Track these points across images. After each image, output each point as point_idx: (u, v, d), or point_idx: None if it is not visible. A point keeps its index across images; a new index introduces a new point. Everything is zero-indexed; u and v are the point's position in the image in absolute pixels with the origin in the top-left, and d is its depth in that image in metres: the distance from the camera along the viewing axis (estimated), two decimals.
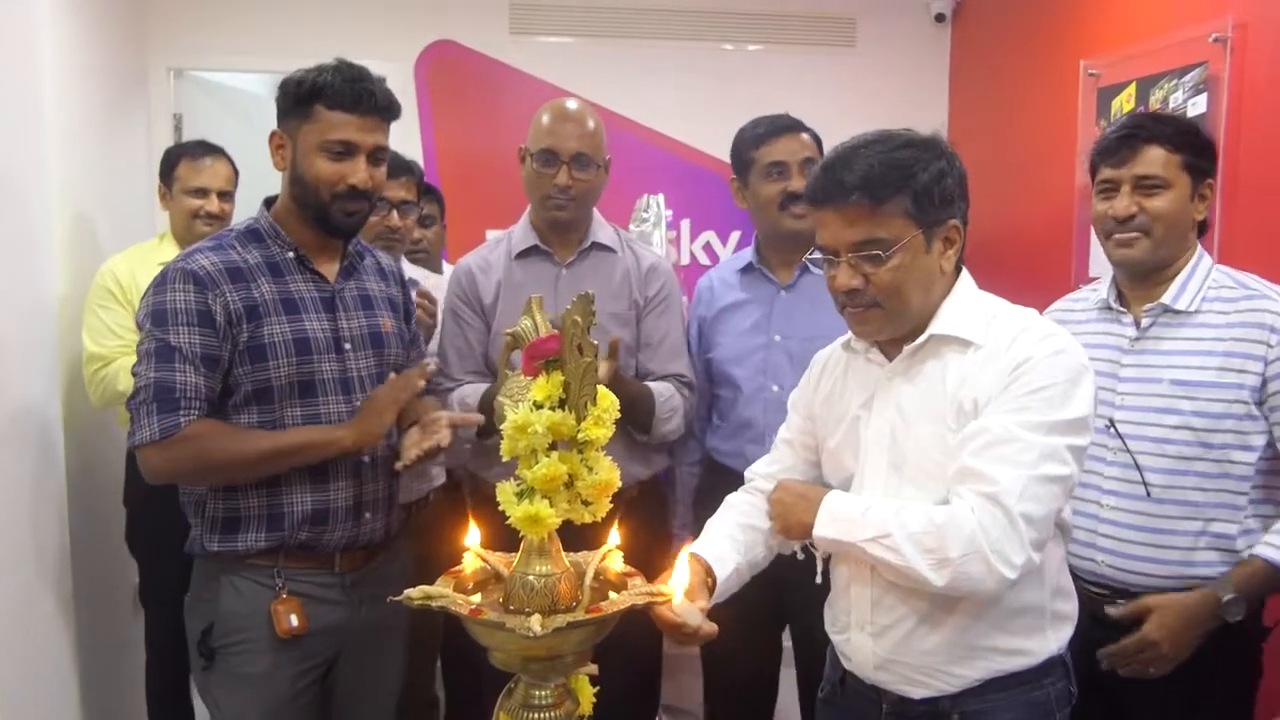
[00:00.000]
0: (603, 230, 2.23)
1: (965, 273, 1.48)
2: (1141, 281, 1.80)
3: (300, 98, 1.74)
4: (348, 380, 1.80)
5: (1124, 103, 2.83)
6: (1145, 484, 1.71)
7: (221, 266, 1.72)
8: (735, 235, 3.83)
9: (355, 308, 1.85)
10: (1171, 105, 2.63)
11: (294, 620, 1.74)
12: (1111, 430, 1.76)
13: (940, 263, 1.43)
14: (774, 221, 2.25)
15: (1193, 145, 1.75)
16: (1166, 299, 1.75)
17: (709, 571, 1.49)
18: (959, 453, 1.36)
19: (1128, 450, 1.74)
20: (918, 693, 1.44)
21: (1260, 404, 1.67)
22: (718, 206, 3.79)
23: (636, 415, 2.11)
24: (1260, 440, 1.68)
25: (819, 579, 1.55)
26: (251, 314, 1.72)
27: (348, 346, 1.81)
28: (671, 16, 3.79)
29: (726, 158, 3.73)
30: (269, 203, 1.85)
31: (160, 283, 1.71)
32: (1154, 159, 1.74)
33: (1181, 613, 1.64)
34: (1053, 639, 1.45)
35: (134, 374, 1.70)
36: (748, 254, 2.34)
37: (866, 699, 1.51)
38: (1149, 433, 1.73)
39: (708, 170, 3.80)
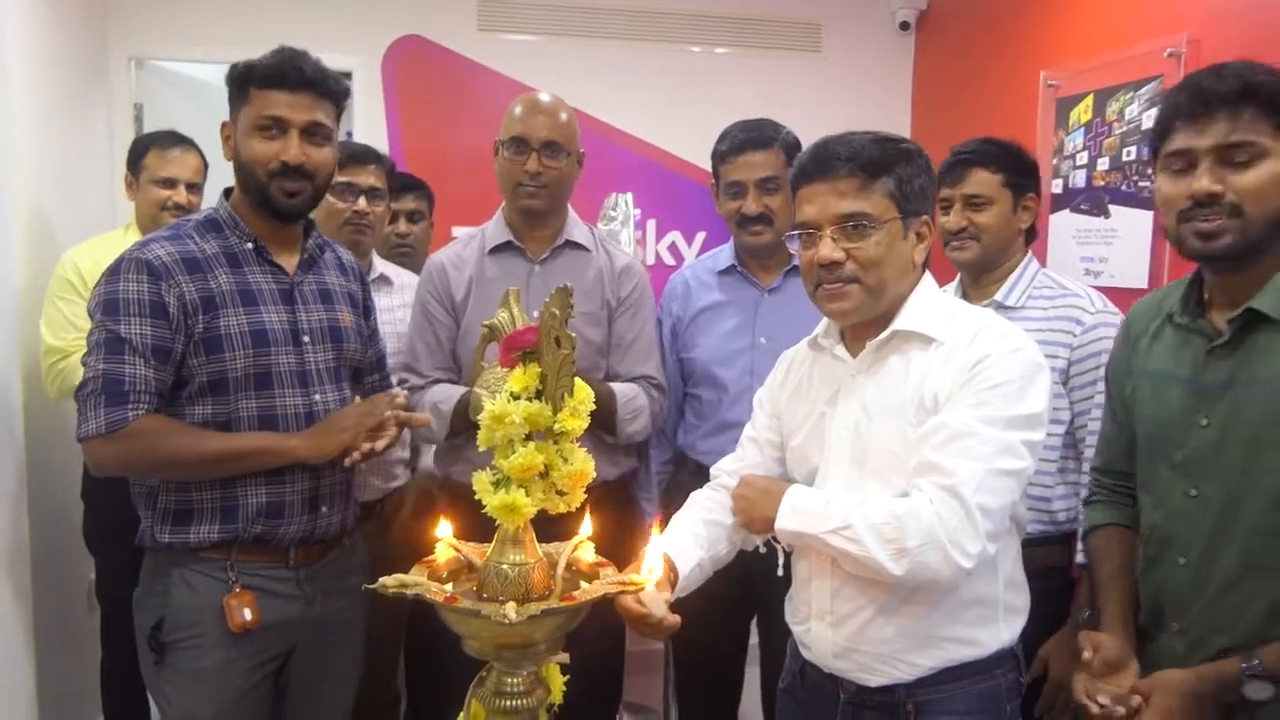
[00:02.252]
0: (577, 229, 2.23)
1: (928, 274, 1.54)
2: (976, 281, 2.14)
3: (238, 81, 1.76)
4: (305, 373, 1.79)
5: (1082, 113, 2.91)
6: None
7: (178, 256, 1.70)
8: (701, 235, 3.86)
9: (314, 301, 1.84)
10: (1127, 116, 2.71)
11: (247, 614, 1.72)
12: None
13: (913, 254, 1.49)
14: (735, 235, 2.30)
15: (1014, 166, 2.08)
16: (999, 296, 2.07)
17: (671, 567, 1.51)
18: (920, 447, 1.40)
19: None
20: (874, 680, 1.48)
21: (1065, 384, 1.97)
22: (684, 207, 3.82)
23: (598, 415, 2.11)
24: (1066, 415, 1.99)
25: (780, 572, 1.59)
26: (208, 305, 1.70)
27: (306, 339, 1.80)
28: (639, 18, 3.81)
29: (693, 159, 3.81)
30: (228, 193, 1.83)
31: (113, 272, 1.69)
32: (979, 180, 2.07)
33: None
34: (1005, 630, 1.49)
35: (83, 364, 1.68)
36: (726, 255, 2.36)
37: (825, 689, 1.55)
38: None
39: (674, 171, 3.83)
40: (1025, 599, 1.54)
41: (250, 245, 1.77)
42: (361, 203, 2.38)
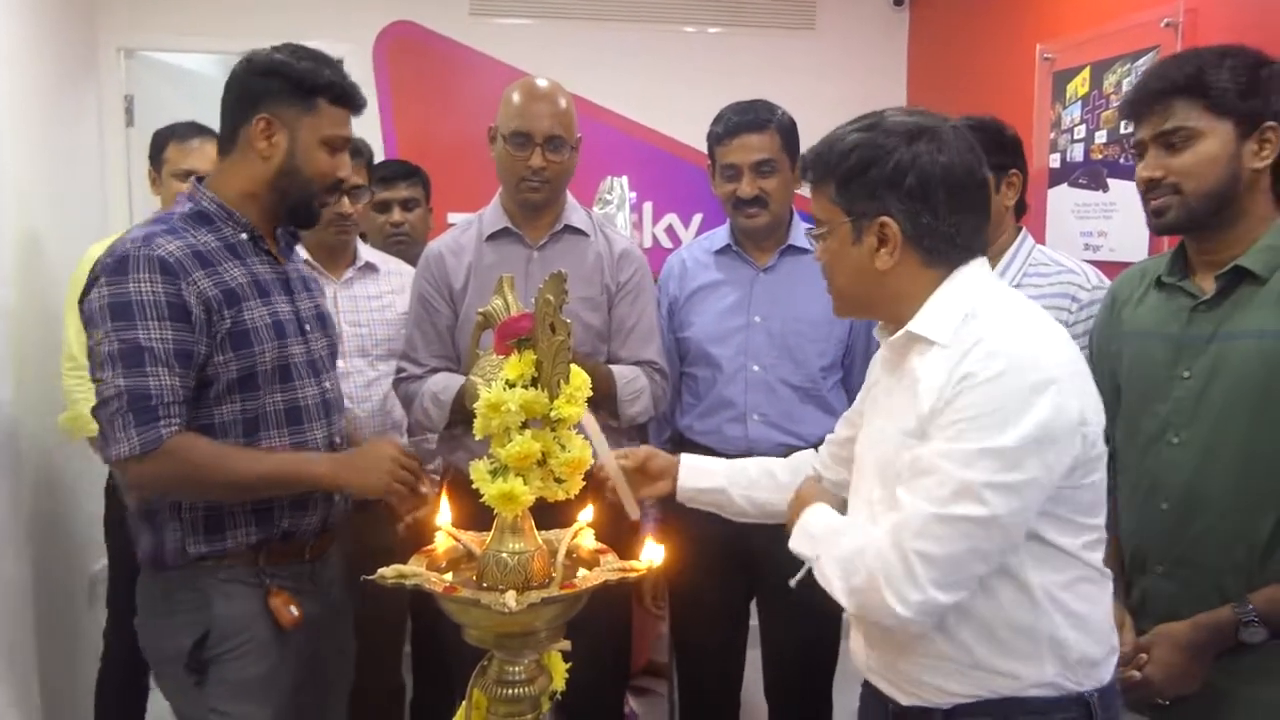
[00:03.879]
0: (575, 213, 2.20)
1: (963, 269, 1.35)
2: None
3: (300, 87, 1.67)
4: (313, 362, 1.77)
5: (1079, 86, 2.88)
6: None
7: (187, 250, 1.60)
8: (698, 218, 3.84)
9: (301, 289, 1.82)
10: (1125, 89, 2.69)
11: (294, 610, 1.69)
12: None
13: (874, 258, 1.34)
14: (731, 218, 2.28)
15: (991, 143, 1.94)
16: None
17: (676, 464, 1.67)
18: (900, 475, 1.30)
19: None
20: (906, 700, 1.37)
21: None
22: (680, 189, 3.80)
23: (599, 397, 2.11)
24: None
25: (791, 582, 1.47)
26: (230, 299, 1.63)
27: (308, 328, 1.79)
28: None
29: (689, 140, 3.79)
30: (200, 181, 1.75)
31: (118, 271, 1.55)
32: None
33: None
34: (1051, 667, 1.29)
35: (96, 379, 1.56)
36: (722, 235, 2.34)
37: (875, 697, 1.45)
38: None
39: (669, 153, 3.81)
40: (1103, 645, 1.33)
41: (245, 236, 1.72)
42: (345, 203, 2.31)
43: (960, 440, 1.22)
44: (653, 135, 3.84)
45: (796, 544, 1.42)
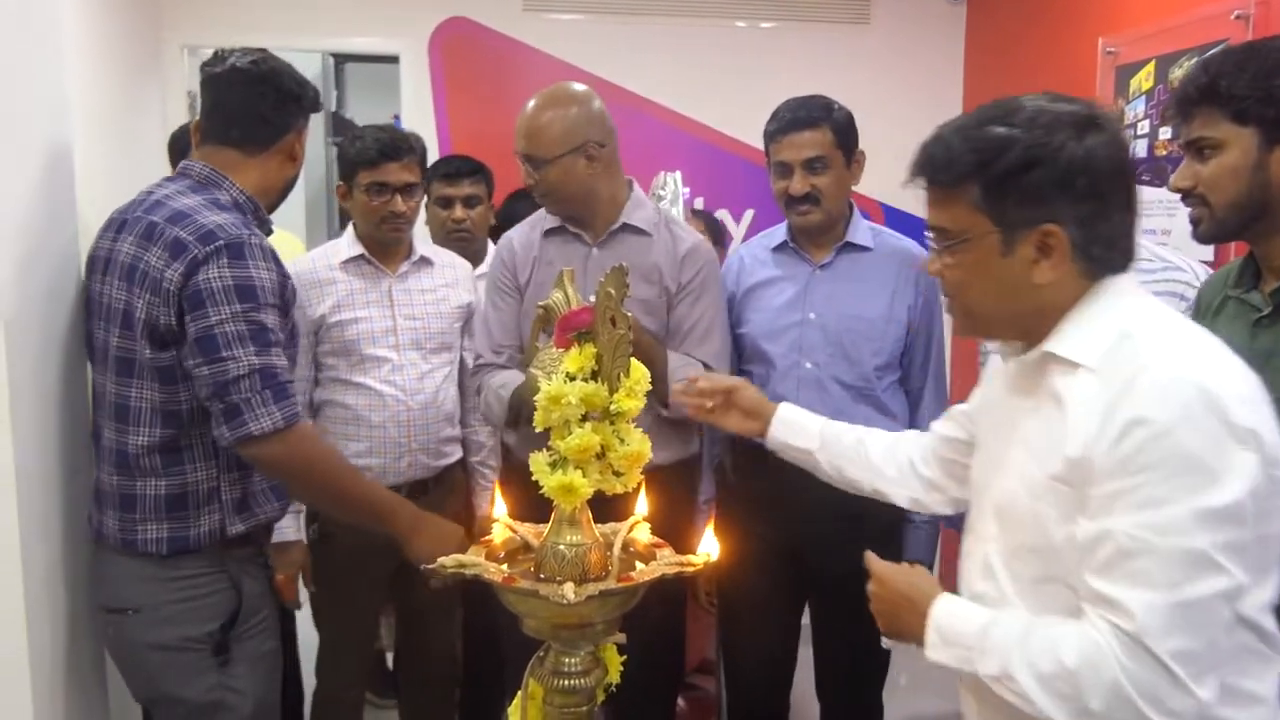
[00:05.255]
0: (637, 211, 2.17)
1: (1115, 279, 1.19)
2: None
3: (313, 105, 1.85)
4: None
5: (1143, 81, 2.82)
6: None
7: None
8: (749, 213, 3.83)
9: None
10: None
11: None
12: None
13: (1032, 272, 1.17)
14: (785, 215, 2.27)
15: None
16: None
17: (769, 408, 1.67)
18: (1083, 563, 1.10)
19: None
20: None
21: None
22: (731, 184, 3.79)
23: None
24: None
25: (886, 645, 1.37)
26: (292, 296, 1.75)
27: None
28: None
29: (741, 135, 3.77)
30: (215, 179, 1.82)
31: (237, 256, 1.60)
32: None
33: None
34: None
35: (220, 358, 1.56)
36: (780, 232, 2.33)
37: None
38: None
39: (721, 148, 3.80)
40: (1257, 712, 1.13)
41: (263, 232, 1.79)
42: (398, 202, 2.33)
43: (1164, 506, 1.03)
44: (704, 130, 3.83)
45: (938, 654, 1.18)
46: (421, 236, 2.60)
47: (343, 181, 2.37)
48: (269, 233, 1.79)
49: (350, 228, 2.43)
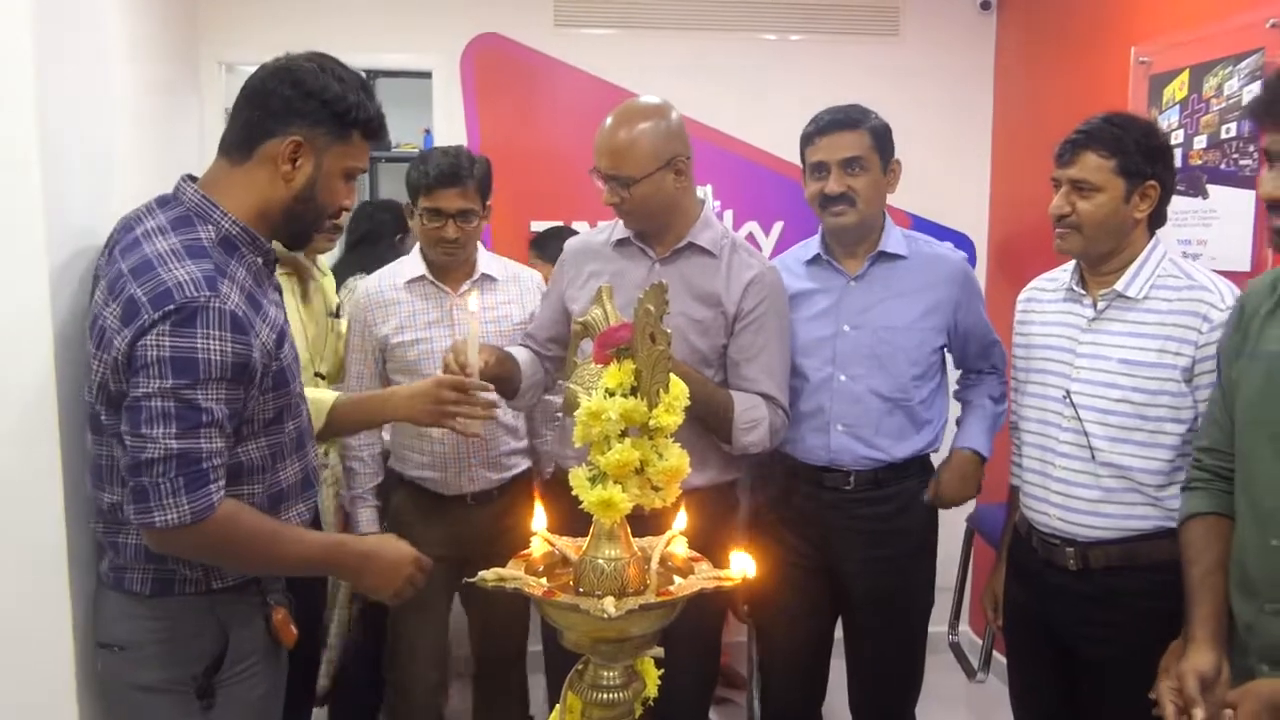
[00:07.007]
0: (705, 231, 2.14)
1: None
2: (1094, 268, 2.00)
3: (338, 119, 1.58)
4: (300, 390, 1.71)
5: (1176, 90, 2.80)
6: (1091, 449, 1.93)
7: (243, 296, 1.50)
8: (778, 226, 3.82)
9: (278, 299, 1.72)
10: (1226, 93, 2.61)
11: (293, 628, 1.68)
12: (1067, 400, 1.97)
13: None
14: (820, 218, 2.26)
15: (1132, 150, 1.90)
16: (1119, 286, 1.94)
17: None
18: None
19: (1079, 419, 1.95)
20: None
21: (1188, 382, 1.85)
22: (761, 197, 3.79)
23: (713, 422, 2.05)
24: (1189, 414, 1.86)
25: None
26: (280, 339, 1.57)
27: (289, 342, 1.70)
28: (713, 7, 3.79)
29: (770, 148, 3.78)
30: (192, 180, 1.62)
31: (185, 323, 1.41)
32: (1088, 164, 1.92)
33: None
34: None
35: (137, 435, 1.42)
36: (813, 245, 2.33)
37: None
38: (1097, 404, 1.94)
39: (750, 161, 3.80)
40: None
41: (261, 260, 1.61)
42: (449, 228, 2.35)
43: None
44: (733, 143, 3.83)
45: None
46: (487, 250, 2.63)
47: (410, 202, 2.43)
48: (273, 264, 1.64)
49: (416, 248, 2.49)
